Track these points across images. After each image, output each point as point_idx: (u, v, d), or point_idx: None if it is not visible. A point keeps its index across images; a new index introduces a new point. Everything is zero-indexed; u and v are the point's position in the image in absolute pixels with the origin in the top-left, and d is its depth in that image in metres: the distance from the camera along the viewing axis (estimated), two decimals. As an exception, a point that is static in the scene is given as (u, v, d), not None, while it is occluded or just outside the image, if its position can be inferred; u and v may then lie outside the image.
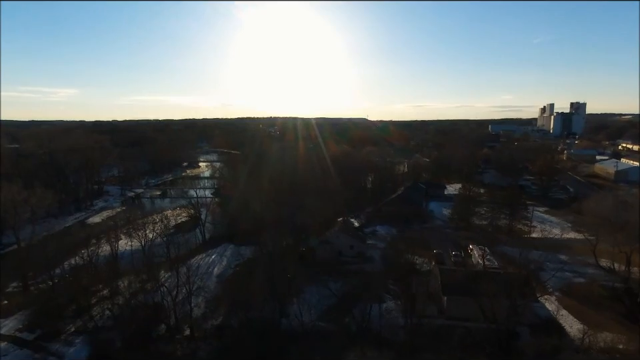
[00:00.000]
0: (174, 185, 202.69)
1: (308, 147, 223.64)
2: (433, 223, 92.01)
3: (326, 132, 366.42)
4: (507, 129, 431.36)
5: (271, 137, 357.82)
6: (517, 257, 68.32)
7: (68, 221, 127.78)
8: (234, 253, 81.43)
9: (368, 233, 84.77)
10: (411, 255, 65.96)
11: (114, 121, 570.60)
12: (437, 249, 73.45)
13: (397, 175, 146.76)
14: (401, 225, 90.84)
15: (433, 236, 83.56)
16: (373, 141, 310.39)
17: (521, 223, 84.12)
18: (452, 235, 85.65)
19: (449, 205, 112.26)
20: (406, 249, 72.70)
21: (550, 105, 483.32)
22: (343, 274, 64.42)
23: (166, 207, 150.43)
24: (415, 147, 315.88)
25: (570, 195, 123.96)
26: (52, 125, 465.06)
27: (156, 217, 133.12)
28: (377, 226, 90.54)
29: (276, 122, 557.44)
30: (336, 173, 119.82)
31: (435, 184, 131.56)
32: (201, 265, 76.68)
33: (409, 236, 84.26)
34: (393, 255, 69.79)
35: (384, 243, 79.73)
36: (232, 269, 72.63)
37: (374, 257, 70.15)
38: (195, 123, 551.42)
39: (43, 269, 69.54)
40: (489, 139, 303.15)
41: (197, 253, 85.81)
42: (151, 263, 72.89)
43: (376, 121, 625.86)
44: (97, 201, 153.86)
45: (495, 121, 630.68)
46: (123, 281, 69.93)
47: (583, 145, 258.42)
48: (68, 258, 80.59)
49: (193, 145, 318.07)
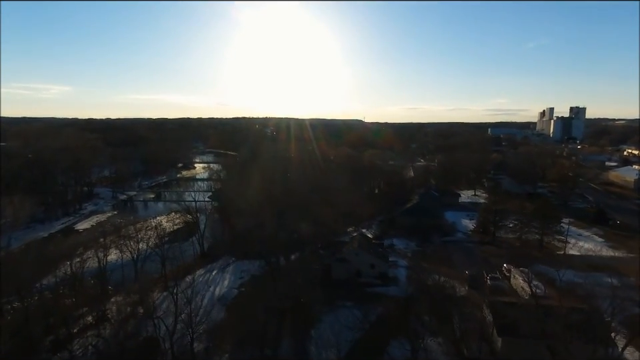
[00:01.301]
0: (168, 187, 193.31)
1: (309, 150, 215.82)
2: (455, 236, 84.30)
3: (323, 134, 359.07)
4: (508, 133, 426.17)
5: (268, 137, 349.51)
6: (558, 279, 61.17)
7: (54, 227, 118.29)
8: (236, 269, 73.06)
9: (386, 247, 76.80)
10: (441, 277, 58.13)
11: (107, 119, 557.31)
12: (466, 267, 65.70)
13: (405, 181, 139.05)
14: (419, 238, 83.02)
15: (456, 252, 75.77)
16: (372, 144, 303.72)
17: (554, 237, 76.63)
18: (477, 250, 77.87)
19: (465, 215, 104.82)
20: (433, 269, 64.93)
21: (550, 109, 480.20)
22: (365, 299, 56.27)
23: (160, 211, 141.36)
24: (415, 151, 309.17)
25: (591, 205, 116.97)
26: (44, 122, 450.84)
27: (149, 222, 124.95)
28: (394, 239, 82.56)
29: (271, 122, 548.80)
30: (343, 178, 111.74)
31: (449, 191, 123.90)
32: (199, 282, 68.49)
33: (431, 252, 76.41)
34: (419, 275, 61.78)
35: (404, 259, 71.74)
36: (236, 289, 64.23)
37: (398, 278, 62.11)
38: (189, 122, 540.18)
39: (15, 287, 60.17)
40: (492, 143, 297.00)
41: (194, 268, 77.29)
42: (143, 283, 64.22)
43: (371, 122, 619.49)
44: (87, 204, 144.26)
45: (491, 124, 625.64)
46: (112, 304, 61.34)
47: (590, 151, 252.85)
48: (48, 272, 72.10)
49: (188, 145, 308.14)
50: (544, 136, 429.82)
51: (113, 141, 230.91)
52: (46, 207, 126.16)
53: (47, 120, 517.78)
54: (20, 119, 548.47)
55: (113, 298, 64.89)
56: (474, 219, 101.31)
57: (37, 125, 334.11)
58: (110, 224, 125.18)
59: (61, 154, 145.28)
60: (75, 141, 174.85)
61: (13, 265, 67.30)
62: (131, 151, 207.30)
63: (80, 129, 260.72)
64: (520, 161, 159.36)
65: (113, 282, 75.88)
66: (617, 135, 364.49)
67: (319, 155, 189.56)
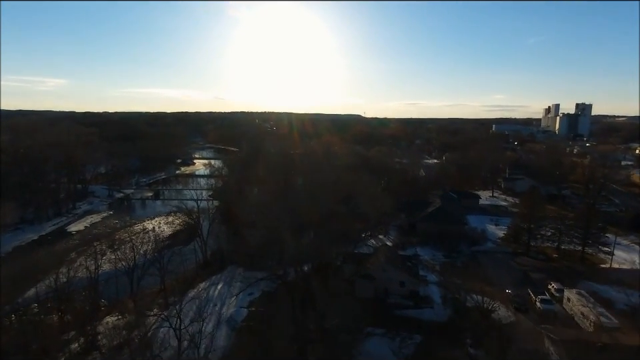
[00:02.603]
0: (167, 185, 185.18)
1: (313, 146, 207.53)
2: (484, 245, 76.61)
3: (324, 129, 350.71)
4: (512, 129, 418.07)
5: (268, 133, 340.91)
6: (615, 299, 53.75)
7: (45, 228, 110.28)
8: (244, 282, 65.05)
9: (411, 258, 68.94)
10: (482, 297, 50.61)
11: (105, 113, 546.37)
12: (505, 284, 57.96)
13: (419, 181, 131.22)
14: (445, 247, 75.31)
15: (489, 264, 68.03)
16: (375, 140, 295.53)
17: (598, 249, 69.00)
18: (512, 262, 70.01)
19: (488, 220, 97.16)
20: (468, 286, 57.21)
21: (555, 106, 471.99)
22: (397, 324, 48.55)
23: (158, 211, 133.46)
24: (420, 147, 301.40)
25: (620, 208, 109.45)
26: (40, 115, 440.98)
27: (147, 224, 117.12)
28: (417, 248, 74.84)
29: (270, 117, 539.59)
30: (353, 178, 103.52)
31: (468, 193, 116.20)
32: (203, 299, 60.66)
33: (461, 264, 68.77)
34: (456, 295, 54.20)
35: (433, 273, 64.00)
36: (245, 308, 56.41)
37: (431, 298, 54.42)
38: (188, 117, 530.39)
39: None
40: (501, 141, 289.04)
41: (196, 280, 69.49)
42: (139, 304, 56.53)
43: (371, 117, 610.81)
44: (81, 203, 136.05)
45: (491, 120, 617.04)
46: (103, 326, 53.54)
47: (603, 149, 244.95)
48: (33, 284, 64.23)
49: (187, 140, 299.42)
50: (549, 133, 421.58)
51: (109, 136, 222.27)
52: (36, 206, 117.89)
53: (44, 113, 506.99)
54: (16, 112, 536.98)
55: (105, 317, 57.18)
56: (499, 224, 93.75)
57: (31, 118, 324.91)
58: (105, 226, 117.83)
59: (54, 149, 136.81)
60: (69, 135, 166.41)
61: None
62: (128, 146, 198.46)
63: (76, 123, 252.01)
64: (539, 160, 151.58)
65: (106, 294, 68.26)
66: (624, 133, 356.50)
67: (324, 152, 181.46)
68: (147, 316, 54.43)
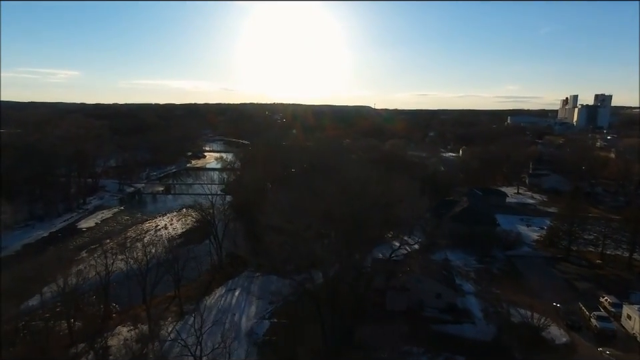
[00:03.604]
0: (178, 178, 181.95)
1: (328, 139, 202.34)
2: (519, 249, 71.21)
3: (335, 121, 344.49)
4: (528, 122, 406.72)
5: (279, 125, 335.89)
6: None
7: (55, 225, 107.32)
8: (263, 289, 60.94)
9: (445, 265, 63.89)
10: (529, 312, 45.62)
11: (115, 104, 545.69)
12: (551, 295, 52.64)
13: (440, 177, 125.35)
14: (477, 251, 70.10)
15: (528, 271, 62.65)
16: (388, 132, 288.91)
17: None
18: (552, 269, 64.48)
19: (518, 220, 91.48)
20: (509, 297, 52.32)
21: (573, 97, 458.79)
22: (436, 341, 43.82)
23: (170, 206, 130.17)
24: (434, 140, 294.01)
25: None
26: (52, 107, 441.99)
27: (159, 221, 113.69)
28: (447, 251, 69.75)
29: (279, 109, 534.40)
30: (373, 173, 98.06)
31: (494, 190, 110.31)
32: (220, 307, 56.65)
33: (498, 271, 63.60)
34: (499, 309, 49.29)
35: (468, 281, 59.01)
36: (267, 319, 52.15)
37: (471, 312, 49.62)
38: (197, 108, 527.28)
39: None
40: (518, 133, 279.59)
41: (212, 285, 65.42)
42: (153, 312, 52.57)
43: (381, 109, 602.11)
44: (91, 198, 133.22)
45: (505, 111, 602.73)
46: (115, 337, 49.76)
47: (627, 143, 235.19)
48: (40, 287, 60.66)
49: (197, 132, 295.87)
50: (567, 125, 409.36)
51: (120, 128, 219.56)
52: (46, 202, 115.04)
53: (55, 105, 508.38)
54: (27, 104, 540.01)
55: (117, 327, 53.42)
56: (531, 224, 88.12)
57: (42, 110, 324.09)
58: (116, 222, 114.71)
59: (64, 143, 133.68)
60: (79, 128, 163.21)
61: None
62: (138, 139, 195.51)
63: (87, 115, 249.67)
64: (563, 154, 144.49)
65: (117, 297, 64.73)
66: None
67: (339, 145, 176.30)
68: (162, 327, 50.57)
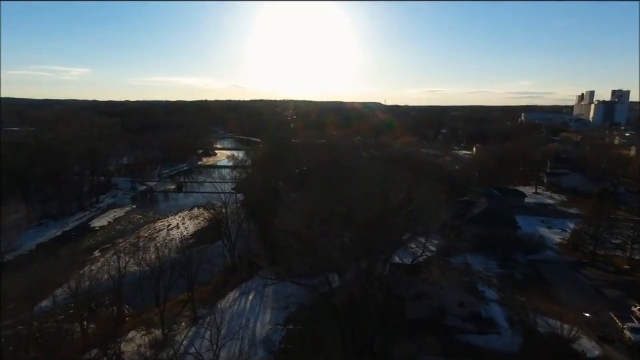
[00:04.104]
0: (189, 176, 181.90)
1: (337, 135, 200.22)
2: (542, 253, 68.62)
3: (345, 117, 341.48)
4: (543, 118, 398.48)
5: (289, 122, 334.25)
6: None
7: (68, 224, 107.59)
8: (278, 293, 59.60)
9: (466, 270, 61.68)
10: (555, 322, 43.47)
11: (126, 102, 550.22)
12: (578, 303, 50.13)
13: (455, 176, 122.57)
14: (498, 255, 67.73)
15: (553, 277, 60.01)
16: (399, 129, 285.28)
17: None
18: (578, 275, 61.81)
19: (538, 221, 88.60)
20: (535, 305, 50.13)
21: (589, 93, 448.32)
22: (460, 353, 41.98)
23: (182, 204, 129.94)
24: (447, 137, 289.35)
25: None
26: (65, 104, 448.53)
27: (171, 219, 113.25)
28: (466, 255, 67.47)
29: (289, 105, 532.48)
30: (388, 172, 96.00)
31: (512, 191, 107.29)
32: (234, 313, 55.41)
33: (521, 277, 61.24)
34: (525, 318, 47.15)
35: (491, 288, 56.73)
36: (282, 325, 50.73)
37: (495, 321, 47.51)
38: (207, 105, 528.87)
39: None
40: (532, 130, 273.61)
41: (225, 288, 64.26)
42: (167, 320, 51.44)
43: (391, 105, 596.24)
44: (104, 196, 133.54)
45: (518, 107, 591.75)
46: (129, 344, 48.80)
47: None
48: (54, 288, 60.26)
49: (208, 130, 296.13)
50: (583, 121, 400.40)
51: (131, 126, 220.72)
52: (60, 200, 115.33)
53: (68, 102, 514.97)
54: (42, 101, 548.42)
55: (130, 332, 52.52)
56: (552, 226, 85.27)
57: (56, 108, 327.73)
58: (128, 221, 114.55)
59: (77, 141, 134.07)
60: (91, 126, 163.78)
61: (10, 281, 55.55)
62: (149, 137, 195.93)
63: (99, 113, 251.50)
64: (581, 152, 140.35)
65: (130, 298, 63.97)
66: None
67: (351, 143, 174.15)
68: (175, 333, 49.53)
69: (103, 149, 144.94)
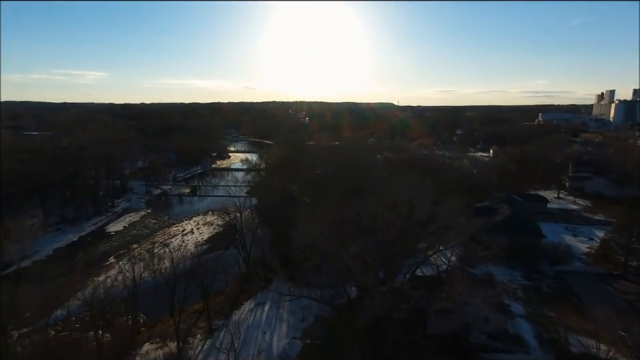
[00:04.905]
0: (204, 179, 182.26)
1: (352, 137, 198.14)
2: (570, 264, 65.55)
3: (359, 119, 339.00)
4: (562, 118, 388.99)
5: (302, 124, 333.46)
6: None
7: (84, 228, 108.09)
8: (294, 304, 57.90)
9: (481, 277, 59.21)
10: (589, 341, 40.88)
11: (142, 104, 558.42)
12: (612, 320, 47.42)
13: (474, 180, 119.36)
14: (523, 266, 64.98)
15: (584, 290, 56.99)
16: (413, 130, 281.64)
17: None
18: (610, 288, 58.69)
19: (562, 228, 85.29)
20: (566, 322, 47.47)
21: (610, 92, 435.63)
22: (486, 374, 39.89)
23: (196, 208, 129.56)
24: (462, 139, 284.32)
25: None
26: (82, 107, 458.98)
27: (185, 224, 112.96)
28: (489, 266, 64.95)
29: (302, 107, 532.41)
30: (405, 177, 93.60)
31: (534, 196, 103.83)
32: (250, 324, 54.10)
33: (548, 289, 58.49)
34: (553, 335, 44.63)
35: (517, 301, 54.20)
36: (299, 339, 49.21)
37: (523, 338, 45.13)
38: (221, 107, 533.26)
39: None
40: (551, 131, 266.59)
41: (240, 296, 63.10)
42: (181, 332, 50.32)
43: (404, 106, 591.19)
44: (119, 200, 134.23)
45: (533, 107, 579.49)
46: (142, 356, 47.93)
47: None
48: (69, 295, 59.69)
49: (221, 132, 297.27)
50: (603, 121, 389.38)
51: (146, 129, 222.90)
52: (76, 205, 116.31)
53: (85, 105, 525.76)
54: (60, 105, 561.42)
55: (145, 343, 51.69)
56: (577, 234, 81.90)
57: (73, 111, 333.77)
58: (143, 225, 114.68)
59: (93, 145, 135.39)
60: (107, 130, 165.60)
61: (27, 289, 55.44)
62: (164, 140, 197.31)
63: (115, 116, 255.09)
64: (604, 154, 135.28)
65: (144, 306, 63.21)
66: None
67: (366, 145, 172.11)
68: (190, 346, 48.46)
69: (119, 153, 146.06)
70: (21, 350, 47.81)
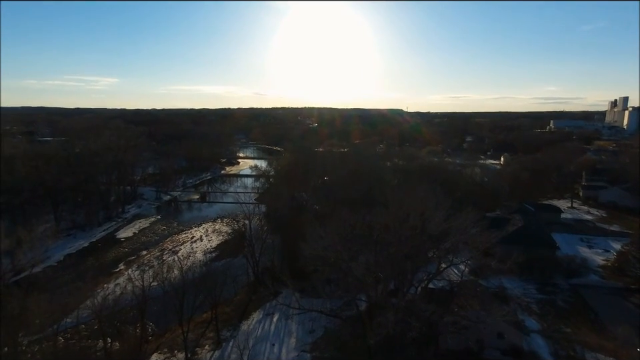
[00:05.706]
0: (213, 185, 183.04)
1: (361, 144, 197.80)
2: (585, 277, 63.93)
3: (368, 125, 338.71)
4: (574, 125, 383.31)
5: (311, 130, 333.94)
6: None
7: (95, 234, 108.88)
8: (303, 315, 57.06)
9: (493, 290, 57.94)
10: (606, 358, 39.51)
11: (153, 110, 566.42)
12: (629, 336, 46.03)
13: (486, 189, 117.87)
14: (536, 278, 63.55)
15: (600, 306, 55.35)
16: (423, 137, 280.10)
17: None
18: (627, 303, 57.06)
19: (577, 239, 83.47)
20: (584, 339, 46.09)
21: (623, 99, 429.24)
22: (501, 393, 38.76)
23: (206, 215, 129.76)
24: (472, 146, 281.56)
25: None
26: (95, 113, 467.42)
27: (195, 231, 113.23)
28: (502, 279, 63.63)
29: (311, 113, 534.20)
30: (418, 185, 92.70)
31: (547, 206, 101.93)
32: (258, 336, 53.54)
33: (564, 304, 56.98)
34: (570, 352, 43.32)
35: (532, 316, 52.83)
36: (307, 352, 48.52)
37: (540, 355, 43.79)
38: (230, 113, 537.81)
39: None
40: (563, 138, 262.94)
41: (249, 307, 62.66)
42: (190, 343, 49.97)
43: (414, 112, 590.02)
44: (130, 206, 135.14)
45: (545, 113, 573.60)
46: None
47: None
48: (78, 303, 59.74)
49: (231, 138, 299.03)
50: (617, 129, 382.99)
51: (157, 135, 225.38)
52: (87, 210, 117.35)
53: (98, 111, 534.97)
54: (74, 110, 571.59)
55: (154, 354, 51.45)
56: (593, 246, 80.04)
57: (86, 117, 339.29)
58: (153, 232, 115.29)
59: (106, 152, 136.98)
60: (119, 136, 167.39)
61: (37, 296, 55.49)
62: (174, 146, 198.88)
63: (126, 122, 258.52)
64: (626, 164, 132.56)
65: (153, 315, 63.11)
66: None
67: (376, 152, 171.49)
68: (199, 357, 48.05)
69: (130, 159, 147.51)
70: (30, 357, 47.84)
